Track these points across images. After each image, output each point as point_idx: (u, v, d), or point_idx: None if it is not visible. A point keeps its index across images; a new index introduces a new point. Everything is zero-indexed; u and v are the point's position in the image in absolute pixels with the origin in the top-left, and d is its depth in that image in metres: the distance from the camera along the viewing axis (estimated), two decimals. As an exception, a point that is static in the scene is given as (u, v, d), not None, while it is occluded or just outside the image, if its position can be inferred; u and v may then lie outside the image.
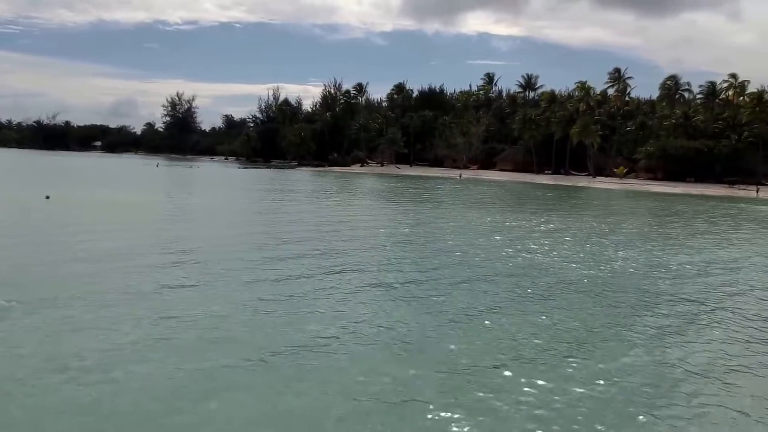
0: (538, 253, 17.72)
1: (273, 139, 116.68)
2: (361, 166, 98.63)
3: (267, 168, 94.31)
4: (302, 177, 68.52)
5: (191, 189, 44.26)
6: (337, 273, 13.43)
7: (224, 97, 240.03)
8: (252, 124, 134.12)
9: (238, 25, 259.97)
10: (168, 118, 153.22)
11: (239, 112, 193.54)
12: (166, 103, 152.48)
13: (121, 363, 7.49)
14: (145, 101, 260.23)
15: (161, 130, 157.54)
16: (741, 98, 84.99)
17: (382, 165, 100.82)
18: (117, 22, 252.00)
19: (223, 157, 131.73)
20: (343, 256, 15.61)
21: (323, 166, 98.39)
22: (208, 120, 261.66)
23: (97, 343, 8.16)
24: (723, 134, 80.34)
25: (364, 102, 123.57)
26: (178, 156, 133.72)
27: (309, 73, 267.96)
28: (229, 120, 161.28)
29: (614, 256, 17.68)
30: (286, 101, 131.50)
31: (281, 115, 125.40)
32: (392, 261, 15.47)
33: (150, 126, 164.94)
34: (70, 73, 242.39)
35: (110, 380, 6.99)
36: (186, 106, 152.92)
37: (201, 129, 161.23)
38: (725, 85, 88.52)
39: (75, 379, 6.98)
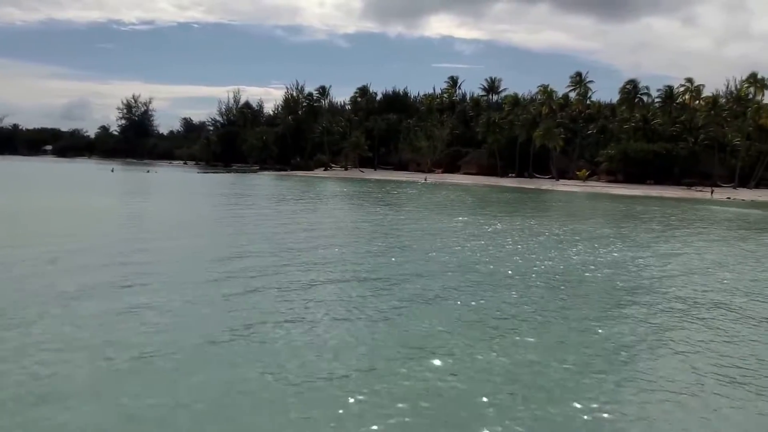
0: (490, 251, 18.33)
1: (234, 142, 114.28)
2: (324, 170, 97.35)
3: (227, 172, 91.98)
4: (264, 181, 66.88)
5: (148, 194, 42.94)
6: (294, 270, 13.78)
7: (183, 100, 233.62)
8: (212, 128, 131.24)
9: (196, 26, 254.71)
10: (123, 121, 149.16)
11: (198, 115, 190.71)
12: (121, 106, 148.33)
13: (73, 359, 7.76)
14: (99, 104, 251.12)
15: (116, 133, 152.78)
16: (697, 102, 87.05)
17: (346, 169, 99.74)
18: (69, 21, 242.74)
19: (181, 162, 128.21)
20: (298, 256, 15.92)
21: (286, 171, 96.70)
22: (166, 123, 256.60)
23: (44, 341, 8.36)
24: (680, 137, 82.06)
25: (327, 105, 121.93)
26: (135, 160, 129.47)
27: (271, 75, 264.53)
28: (187, 123, 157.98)
29: (567, 253, 18.43)
30: (247, 104, 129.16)
31: (242, 118, 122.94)
32: (346, 260, 15.73)
33: (104, 129, 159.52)
34: (18, 73, 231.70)
35: (59, 374, 7.25)
36: (142, 109, 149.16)
37: (158, 132, 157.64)
38: (682, 89, 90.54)
39: (24, 374, 7.18)
